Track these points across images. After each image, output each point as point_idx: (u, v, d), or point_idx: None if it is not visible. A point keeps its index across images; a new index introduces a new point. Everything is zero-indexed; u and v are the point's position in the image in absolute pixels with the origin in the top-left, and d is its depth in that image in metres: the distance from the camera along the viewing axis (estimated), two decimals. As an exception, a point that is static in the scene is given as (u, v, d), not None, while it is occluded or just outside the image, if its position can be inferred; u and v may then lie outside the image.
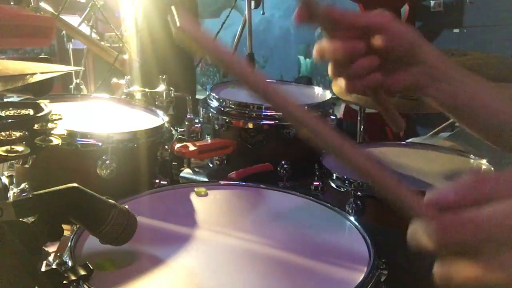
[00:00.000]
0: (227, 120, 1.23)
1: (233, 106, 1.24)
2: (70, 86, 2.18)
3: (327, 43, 0.66)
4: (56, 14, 2.08)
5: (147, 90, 1.35)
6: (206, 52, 0.47)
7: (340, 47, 0.65)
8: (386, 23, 0.65)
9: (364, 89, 0.69)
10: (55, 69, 0.66)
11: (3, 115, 0.64)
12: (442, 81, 0.68)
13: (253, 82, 0.45)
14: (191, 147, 1.13)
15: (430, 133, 2.41)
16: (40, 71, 0.61)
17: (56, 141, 0.67)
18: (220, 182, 0.98)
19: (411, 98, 1.15)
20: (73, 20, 2.51)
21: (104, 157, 0.94)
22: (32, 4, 2.05)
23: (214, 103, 1.28)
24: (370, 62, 0.65)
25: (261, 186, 0.96)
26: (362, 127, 1.81)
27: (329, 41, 0.66)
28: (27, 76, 0.59)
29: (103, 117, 1.18)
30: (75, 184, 0.62)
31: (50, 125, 0.67)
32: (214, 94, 1.30)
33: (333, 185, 1.04)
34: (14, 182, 1.01)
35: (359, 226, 0.79)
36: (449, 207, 0.37)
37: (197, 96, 1.91)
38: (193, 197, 0.91)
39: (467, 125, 0.74)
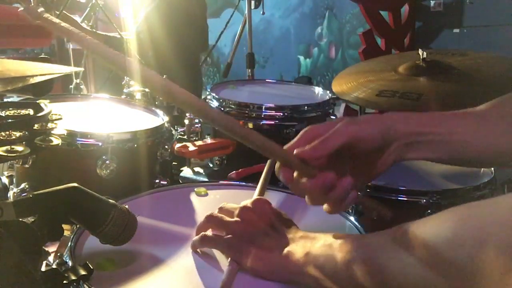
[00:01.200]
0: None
1: (233, 106, 1.24)
2: (70, 86, 2.18)
3: (298, 183, 0.66)
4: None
5: (147, 90, 1.35)
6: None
7: (312, 186, 0.64)
8: (354, 135, 0.65)
9: (347, 207, 0.70)
10: (55, 70, 0.66)
11: (3, 115, 0.64)
12: (418, 143, 0.68)
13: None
14: (191, 147, 1.13)
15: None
16: (40, 72, 0.61)
17: (56, 141, 0.67)
18: (220, 182, 0.98)
19: (411, 98, 1.15)
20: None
21: (104, 157, 0.94)
22: (32, 3, 2.05)
23: (214, 103, 1.28)
24: (344, 188, 0.65)
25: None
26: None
27: (300, 177, 0.66)
28: (27, 77, 0.59)
29: (103, 117, 1.18)
30: (75, 184, 0.62)
31: (50, 125, 0.67)
32: (214, 94, 1.30)
33: (333, 185, 1.03)
34: (14, 182, 1.01)
35: (359, 226, 0.79)
36: None
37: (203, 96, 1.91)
38: (193, 197, 0.91)
39: (462, 164, 0.74)
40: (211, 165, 1.29)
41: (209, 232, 0.69)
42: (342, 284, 0.56)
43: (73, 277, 0.57)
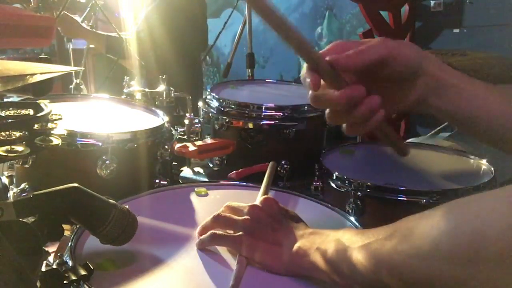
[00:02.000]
0: (227, 120, 1.22)
1: (233, 106, 1.24)
2: (70, 86, 2.18)
3: (322, 93, 0.62)
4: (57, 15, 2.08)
5: (147, 90, 1.35)
6: None
7: (340, 97, 0.60)
8: (392, 52, 0.63)
9: (367, 130, 0.66)
10: (55, 69, 0.66)
11: (3, 115, 0.64)
12: (441, 89, 0.67)
13: None
14: (191, 147, 1.13)
15: (430, 133, 2.41)
16: (40, 71, 0.61)
17: (56, 141, 0.67)
18: (220, 182, 0.98)
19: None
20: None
21: (104, 157, 0.94)
22: (32, 4, 2.05)
23: (214, 103, 1.28)
24: (371, 106, 0.62)
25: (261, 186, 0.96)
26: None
27: (327, 88, 0.62)
28: (27, 76, 0.59)
29: (103, 117, 1.18)
30: (75, 184, 0.62)
31: (50, 125, 0.67)
32: (214, 94, 1.30)
33: (333, 185, 1.04)
34: (14, 182, 1.01)
35: (359, 226, 0.79)
36: None
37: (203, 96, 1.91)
38: (193, 197, 0.91)
39: (471, 132, 0.73)
40: (211, 165, 1.29)
41: (217, 230, 0.70)
42: (351, 276, 0.56)
43: (73, 277, 0.57)
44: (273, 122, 1.21)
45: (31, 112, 0.66)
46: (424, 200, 1.00)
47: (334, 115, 0.66)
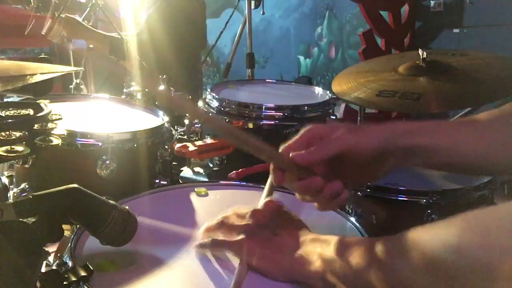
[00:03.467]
0: (227, 120, 1.22)
1: (233, 106, 1.24)
2: (70, 86, 2.18)
3: (289, 181, 0.69)
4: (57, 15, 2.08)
5: (147, 90, 1.35)
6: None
7: (299, 188, 0.68)
8: (350, 146, 0.67)
9: (336, 207, 0.74)
10: (55, 70, 0.66)
11: (3, 115, 0.64)
12: (412, 154, 0.69)
13: None
14: (191, 147, 1.13)
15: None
16: (40, 71, 0.61)
17: (56, 141, 0.67)
18: (220, 182, 0.98)
19: (411, 98, 1.15)
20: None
21: (104, 157, 0.94)
22: (32, 4, 2.05)
23: (214, 103, 1.28)
24: (332, 192, 0.67)
25: (261, 186, 0.96)
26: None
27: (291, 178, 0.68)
28: (27, 77, 0.59)
29: (103, 117, 1.18)
30: (75, 185, 0.61)
31: (50, 125, 0.67)
32: (214, 94, 1.30)
33: (333, 185, 1.03)
34: (14, 182, 1.01)
35: (359, 226, 0.78)
36: None
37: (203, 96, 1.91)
38: (193, 197, 0.91)
39: (461, 172, 0.79)
40: (211, 165, 1.29)
41: (218, 236, 0.70)
42: (351, 286, 0.56)
43: (73, 278, 0.57)
44: (273, 122, 1.21)
45: (31, 112, 0.66)
46: (424, 200, 1.00)
47: (302, 197, 0.72)
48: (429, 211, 1.00)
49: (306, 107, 1.24)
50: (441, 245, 0.47)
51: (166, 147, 1.06)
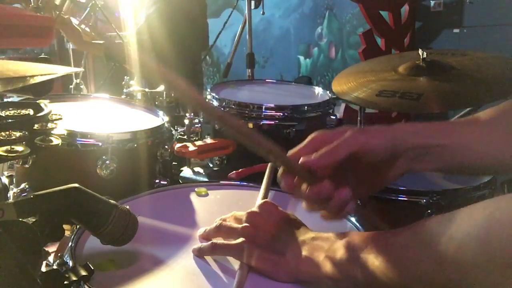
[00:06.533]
0: (227, 120, 1.22)
1: (233, 106, 1.24)
2: (70, 86, 2.18)
3: (297, 188, 0.66)
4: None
5: (147, 90, 1.35)
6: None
7: (308, 194, 0.65)
8: (361, 146, 0.65)
9: (344, 217, 0.74)
10: (55, 70, 0.66)
11: (3, 115, 0.64)
12: (423, 155, 0.68)
13: None
14: (191, 147, 1.13)
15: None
16: (40, 72, 0.61)
17: (56, 141, 0.67)
18: (220, 182, 0.98)
19: (411, 98, 1.15)
20: (72, 20, 2.50)
21: (104, 157, 0.94)
22: (32, 4, 2.05)
23: (214, 103, 1.28)
24: (341, 199, 0.65)
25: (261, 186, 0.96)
26: (362, 127, 1.81)
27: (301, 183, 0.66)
28: (27, 78, 0.59)
29: (103, 117, 1.18)
30: (76, 185, 0.61)
31: (50, 125, 0.67)
32: (214, 94, 1.30)
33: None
34: (14, 182, 1.01)
35: (359, 226, 0.78)
36: None
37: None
38: (193, 197, 0.91)
39: (470, 173, 0.74)
40: (211, 165, 1.29)
41: (218, 240, 0.69)
42: (367, 284, 0.56)
43: (74, 278, 0.57)
44: (273, 122, 1.21)
45: (31, 112, 0.66)
46: (424, 200, 1.00)
47: (308, 205, 0.70)
48: (429, 211, 1.00)
49: (306, 107, 1.24)
50: (466, 237, 0.46)
51: (166, 147, 1.06)
